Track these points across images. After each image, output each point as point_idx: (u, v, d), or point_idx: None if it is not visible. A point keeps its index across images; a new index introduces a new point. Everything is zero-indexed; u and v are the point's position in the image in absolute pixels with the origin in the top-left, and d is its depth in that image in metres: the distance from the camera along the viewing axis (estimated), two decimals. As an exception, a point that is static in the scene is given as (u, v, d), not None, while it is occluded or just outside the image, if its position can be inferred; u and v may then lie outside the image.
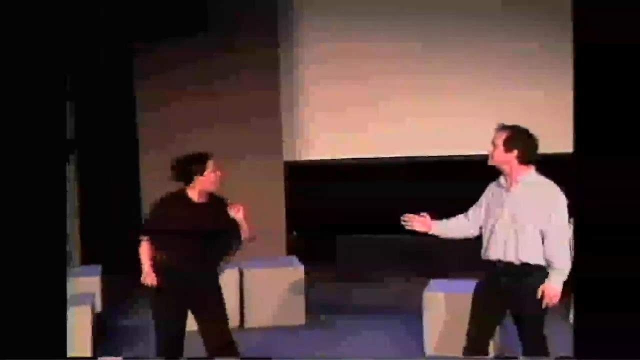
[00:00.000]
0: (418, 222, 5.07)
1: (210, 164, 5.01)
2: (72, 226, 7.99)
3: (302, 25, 8.44)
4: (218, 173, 5.03)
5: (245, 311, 6.94)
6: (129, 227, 8.08)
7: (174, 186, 7.68)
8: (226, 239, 5.10)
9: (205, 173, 4.99)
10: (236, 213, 5.00)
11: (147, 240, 5.06)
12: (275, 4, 8.18)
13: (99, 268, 7.24)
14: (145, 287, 4.96)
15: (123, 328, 6.91)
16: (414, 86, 8.48)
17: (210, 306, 5.11)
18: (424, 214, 5.09)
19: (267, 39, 8.09)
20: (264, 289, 6.93)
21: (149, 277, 5.05)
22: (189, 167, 5.00)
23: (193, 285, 5.03)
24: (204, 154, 5.06)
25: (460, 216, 5.09)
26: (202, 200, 5.04)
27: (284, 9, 8.32)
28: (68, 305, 6.02)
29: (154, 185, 8.00)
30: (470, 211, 5.06)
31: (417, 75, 8.46)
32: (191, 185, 5.02)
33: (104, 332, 6.47)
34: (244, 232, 5.09)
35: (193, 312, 5.12)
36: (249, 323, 6.90)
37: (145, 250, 5.07)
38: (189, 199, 5.04)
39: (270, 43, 8.13)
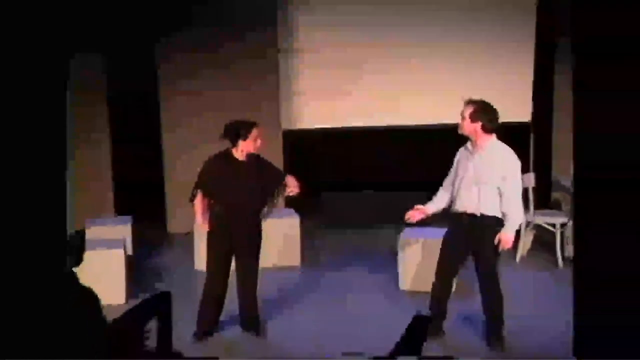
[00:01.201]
0: (419, 214, 5.11)
1: (254, 132, 5.02)
2: (107, 183, 7.99)
3: (297, 15, 8.39)
4: (259, 141, 5.05)
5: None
6: (154, 185, 8.13)
7: (187, 149, 7.73)
8: (265, 192, 5.12)
9: (248, 139, 5.00)
10: (291, 192, 5.11)
11: (200, 192, 5.09)
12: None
13: (129, 218, 7.23)
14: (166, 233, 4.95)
15: (150, 268, 6.93)
16: (393, 69, 8.44)
17: (248, 249, 5.16)
18: (418, 206, 5.11)
19: (267, 27, 8.06)
20: (266, 235, 6.94)
21: (202, 223, 5.09)
22: (236, 131, 5.01)
23: (237, 229, 5.07)
24: (251, 122, 5.08)
25: (444, 189, 5.11)
26: (244, 159, 5.07)
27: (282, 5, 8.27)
28: (104, 248, 6.08)
29: (173, 150, 8.05)
30: (449, 178, 5.08)
31: (397, 59, 8.41)
32: (236, 146, 5.03)
33: (134, 271, 6.48)
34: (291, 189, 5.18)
35: (235, 253, 5.16)
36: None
37: (199, 201, 5.12)
38: (233, 157, 5.06)
39: (270, 29, 8.10)
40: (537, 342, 5.04)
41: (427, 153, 7.94)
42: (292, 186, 5.13)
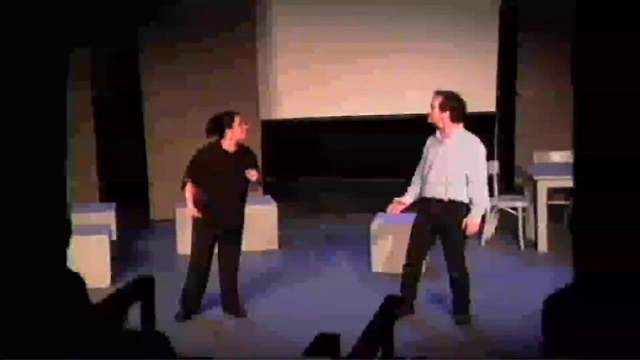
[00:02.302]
0: (399, 206, 5.10)
1: (237, 119, 4.99)
2: (92, 171, 7.90)
3: (275, 10, 8.33)
4: (244, 125, 5.01)
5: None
6: (137, 173, 8.06)
7: (170, 138, 7.68)
8: (250, 181, 5.12)
9: (234, 125, 4.96)
10: (252, 177, 5.01)
11: (190, 181, 5.04)
12: None
13: (113, 205, 7.16)
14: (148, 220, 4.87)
15: (133, 253, 6.88)
16: (365, 62, 8.42)
17: (232, 236, 5.15)
18: (397, 199, 5.09)
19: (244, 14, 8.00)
20: (246, 222, 6.92)
21: (192, 211, 5.05)
22: (221, 122, 4.97)
23: (224, 217, 5.05)
24: (232, 111, 5.04)
25: (416, 177, 5.11)
26: (233, 149, 5.03)
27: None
28: (89, 234, 6.01)
29: (156, 140, 7.98)
30: (421, 166, 5.09)
31: (369, 53, 8.40)
32: (224, 136, 4.99)
33: (118, 255, 6.42)
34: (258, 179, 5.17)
35: (219, 238, 5.14)
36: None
37: (189, 190, 5.06)
38: (223, 149, 5.02)
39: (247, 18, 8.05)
40: (501, 318, 5.09)
41: (398, 141, 7.95)
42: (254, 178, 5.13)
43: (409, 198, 5.13)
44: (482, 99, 8.34)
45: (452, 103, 4.83)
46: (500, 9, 8.40)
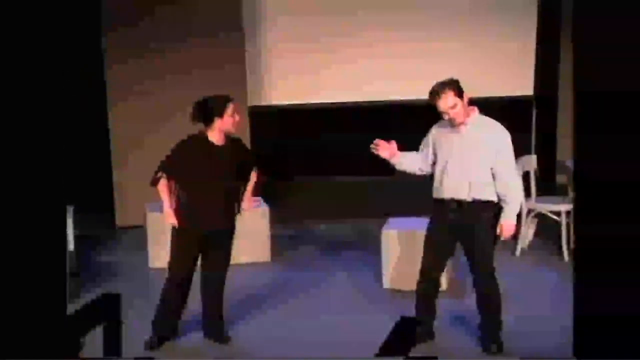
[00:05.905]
0: (385, 149, 5.09)
1: (230, 107, 4.95)
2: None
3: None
4: (236, 117, 4.98)
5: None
6: (99, 171, 8.09)
7: (139, 129, 7.70)
8: (243, 181, 5.14)
9: (225, 116, 4.94)
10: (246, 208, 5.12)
11: (165, 178, 4.99)
12: None
13: (71, 208, 7.17)
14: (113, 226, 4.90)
15: (94, 266, 6.91)
16: (372, 38, 8.46)
17: (219, 248, 5.15)
18: (393, 141, 5.10)
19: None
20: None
21: (169, 216, 5.03)
22: (210, 108, 4.93)
23: (209, 224, 5.02)
24: (225, 97, 4.99)
25: (415, 153, 5.14)
26: (221, 142, 5.00)
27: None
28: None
29: (122, 134, 8.00)
30: (422, 150, 5.10)
31: (379, 29, 8.44)
32: (211, 126, 4.96)
33: (76, 270, 6.45)
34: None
35: (203, 250, 5.13)
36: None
37: (164, 189, 5.01)
38: (209, 141, 4.99)
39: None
40: (540, 347, 5.10)
41: (412, 133, 7.97)
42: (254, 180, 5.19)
43: (398, 157, 5.08)
44: (516, 79, 8.35)
45: (460, 87, 4.82)
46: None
